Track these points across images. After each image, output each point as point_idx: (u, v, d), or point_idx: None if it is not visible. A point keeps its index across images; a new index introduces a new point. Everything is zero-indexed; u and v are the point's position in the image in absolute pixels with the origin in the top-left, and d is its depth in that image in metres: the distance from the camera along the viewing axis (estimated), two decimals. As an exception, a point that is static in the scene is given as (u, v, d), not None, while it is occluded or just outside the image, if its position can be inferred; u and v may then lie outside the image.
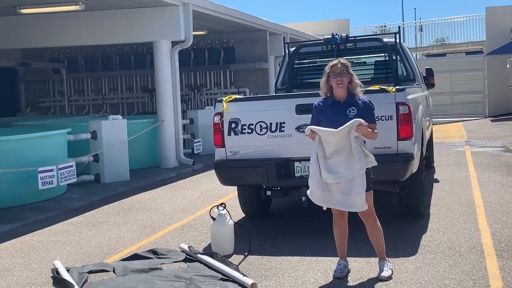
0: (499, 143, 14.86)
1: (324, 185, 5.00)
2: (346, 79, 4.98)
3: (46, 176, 8.89)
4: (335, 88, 5.02)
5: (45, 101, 19.81)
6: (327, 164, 4.96)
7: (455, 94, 25.72)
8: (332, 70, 5.00)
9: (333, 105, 5.05)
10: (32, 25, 13.12)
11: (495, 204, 7.66)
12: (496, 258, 5.39)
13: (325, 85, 5.09)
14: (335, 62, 5.04)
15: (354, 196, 4.91)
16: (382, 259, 5.14)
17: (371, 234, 5.15)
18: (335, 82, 4.99)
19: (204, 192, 9.91)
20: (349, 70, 5.01)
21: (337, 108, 5.02)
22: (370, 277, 5.06)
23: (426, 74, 9.72)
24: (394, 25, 32.00)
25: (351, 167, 4.90)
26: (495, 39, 24.65)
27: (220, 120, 6.67)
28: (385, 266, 5.07)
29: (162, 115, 13.05)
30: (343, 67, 4.98)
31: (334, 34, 8.55)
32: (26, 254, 6.53)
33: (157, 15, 12.57)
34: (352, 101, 5.01)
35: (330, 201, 5.02)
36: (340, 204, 5.01)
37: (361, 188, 4.91)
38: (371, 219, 5.10)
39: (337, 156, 4.95)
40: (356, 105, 4.99)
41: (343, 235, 5.22)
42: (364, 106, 5.01)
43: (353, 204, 4.95)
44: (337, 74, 4.97)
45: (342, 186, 4.95)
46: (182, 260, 5.85)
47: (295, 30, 20.94)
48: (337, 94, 5.05)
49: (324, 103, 5.12)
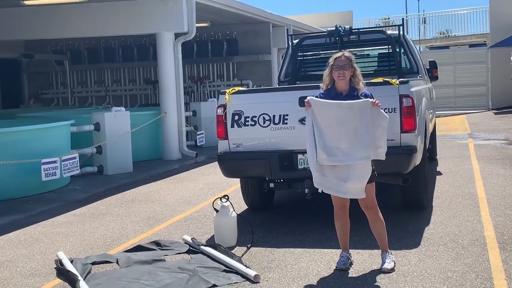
0: (502, 135, 14.84)
1: (319, 167, 4.88)
2: (349, 72, 4.97)
3: (50, 167, 8.91)
4: (337, 80, 5.01)
5: (48, 92, 19.83)
6: (323, 142, 4.82)
7: (459, 87, 25.67)
8: (336, 62, 4.99)
9: (335, 97, 5.02)
10: (35, 17, 13.11)
11: (498, 197, 7.66)
12: (498, 251, 5.39)
13: (327, 77, 5.07)
14: (339, 54, 5.03)
15: (350, 183, 4.81)
16: (385, 251, 5.14)
17: (373, 226, 5.14)
18: (337, 74, 4.98)
19: (207, 184, 9.93)
20: (352, 64, 4.99)
21: (340, 99, 4.99)
22: (372, 269, 5.07)
23: (429, 67, 9.70)
24: (397, 17, 31.92)
25: (351, 152, 4.78)
26: (498, 32, 24.55)
27: (223, 112, 6.67)
28: (387, 258, 5.08)
29: (165, 107, 13.05)
30: (347, 60, 4.97)
31: (337, 26, 8.53)
32: (30, 245, 6.56)
33: (160, 6, 12.55)
34: (355, 94, 4.99)
35: (323, 184, 4.92)
36: (332, 189, 4.90)
37: (360, 177, 4.80)
38: (373, 211, 5.09)
39: (336, 136, 4.82)
40: (358, 98, 4.96)
41: (344, 227, 5.21)
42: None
43: (346, 191, 4.85)
44: (340, 67, 4.96)
45: (338, 171, 4.84)
46: (185, 252, 5.87)
47: (298, 22, 20.89)
48: (339, 86, 5.04)
49: (326, 95, 5.08)
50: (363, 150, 4.81)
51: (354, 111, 4.81)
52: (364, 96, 4.98)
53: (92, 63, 19.25)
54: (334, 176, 4.87)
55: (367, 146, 4.82)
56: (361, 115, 4.80)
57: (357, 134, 4.81)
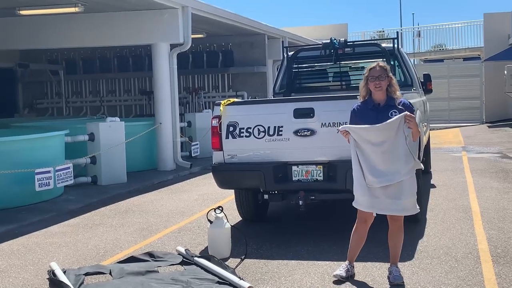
0: (496, 149, 14.89)
1: (370, 190, 4.89)
2: (385, 82, 4.96)
3: (43, 177, 8.88)
4: (374, 91, 4.99)
5: (43, 102, 19.81)
6: (370, 166, 4.85)
7: (453, 100, 25.76)
8: (371, 73, 4.98)
9: (373, 108, 5.01)
10: (31, 27, 13.12)
11: (491, 210, 7.68)
12: (492, 264, 5.40)
13: (364, 89, 5.06)
14: (373, 65, 5.01)
15: (404, 199, 4.86)
16: (394, 264, 5.11)
17: (392, 237, 5.08)
18: (373, 85, 4.96)
19: (201, 195, 9.91)
20: (387, 73, 4.98)
21: (378, 111, 4.98)
22: (365, 281, 5.07)
23: (423, 80, 9.74)
24: (392, 31, 32.05)
25: (396, 170, 4.81)
26: (492, 46, 24.71)
27: (218, 123, 6.68)
28: (397, 272, 5.04)
29: (160, 118, 13.05)
30: (382, 71, 4.96)
31: (332, 38, 8.57)
32: (23, 255, 6.52)
33: (156, 18, 12.58)
34: (392, 103, 4.98)
35: (376, 206, 4.93)
36: (389, 209, 4.92)
37: (412, 190, 4.88)
38: (399, 223, 5.04)
39: (381, 157, 4.84)
40: (397, 108, 4.95)
41: (360, 241, 5.19)
42: (405, 108, 4.94)
43: (403, 208, 4.89)
44: (375, 77, 4.95)
45: (390, 190, 4.86)
46: (179, 263, 5.85)
47: (293, 34, 20.98)
48: (376, 97, 5.02)
49: (363, 107, 5.08)
50: (406, 165, 4.86)
51: (392, 130, 4.82)
52: (402, 105, 4.96)
53: (87, 73, 19.26)
54: (387, 195, 4.89)
55: (407, 159, 4.87)
56: (399, 131, 4.82)
57: (398, 150, 4.83)
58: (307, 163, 6.44)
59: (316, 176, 6.42)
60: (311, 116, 6.36)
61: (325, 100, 6.62)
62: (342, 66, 9.00)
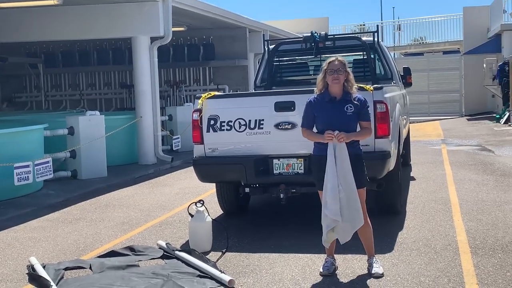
0: (475, 141, 15.05)
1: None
2: (343, 76, 5.00)
3: (22, 172, 8.80)
4: (331, 84, 5.02)
5: (22, 96, 19.60)
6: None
7: (432, 93, 25.99)
8: (330, 67, 5.01)
9: (330, 101, 5.05)
10: (9, 20, 12.94)
11: (470, 202, 7.76)
12: (470, 256, 5.46)
13: (321, 82, 5.08)
14: (332, 59, 5.04)
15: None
16: (371, 256, 5.18)
17: (361, 231, 5.14)
18: (331, 78, 4.99)
19: (182, 189, 9.89)
20: (346, 68, 5.02)
21: (335, 104, 5.03)
22: (346, 273, 5.10)
23: (403, 73, 9.80)
24: (373, 24, 32.14)
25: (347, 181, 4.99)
26: (472, 39, 24.93)
27: (199, 117, 6.66)
28: (376, 263, 5.10)
29: (141, 111, 12.99)
30: (340, 65, 4.99)
31: (313, 32, 8.59)
32: (2, 250, 6.46)
33: (136, 10, 12.49)
34: (349, 98, 5.03)
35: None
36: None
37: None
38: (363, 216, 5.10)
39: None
40: (352, 103, 5.01)
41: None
42: (360, 104, 5.03)
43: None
44: (334, 71, 4.98)
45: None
46: (160, 257, 5.84)
47: (274, 28, 20.96)
48: (333, 90, 5.05)
49: (320, 99, 5.11)
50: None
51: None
52: (357, 101, 5.03)
53: (67, 66, 19.07)
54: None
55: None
56: (344, 157, 5.03)
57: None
58: (288, 156, 6.45)
59: (297, 169, 6.44)
60: (292, 109, 6.37)
61: (306, 93, 6.61)
62: (322, 59, 9.00)
